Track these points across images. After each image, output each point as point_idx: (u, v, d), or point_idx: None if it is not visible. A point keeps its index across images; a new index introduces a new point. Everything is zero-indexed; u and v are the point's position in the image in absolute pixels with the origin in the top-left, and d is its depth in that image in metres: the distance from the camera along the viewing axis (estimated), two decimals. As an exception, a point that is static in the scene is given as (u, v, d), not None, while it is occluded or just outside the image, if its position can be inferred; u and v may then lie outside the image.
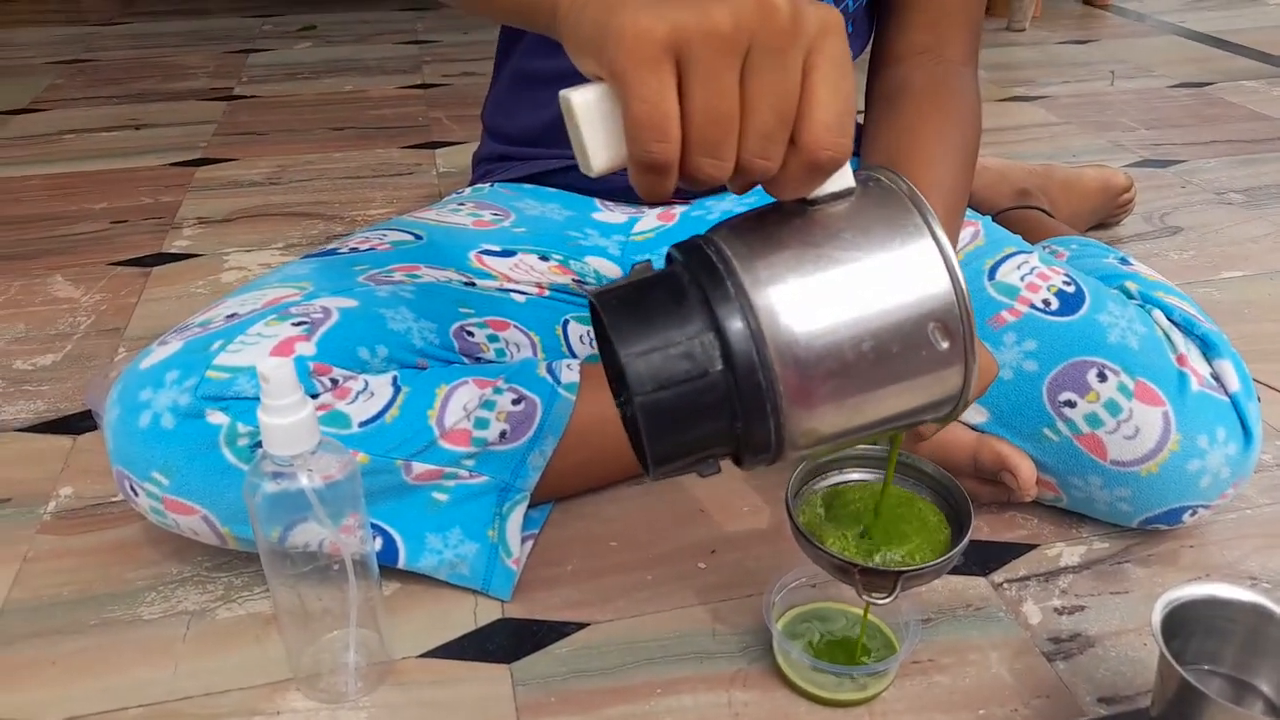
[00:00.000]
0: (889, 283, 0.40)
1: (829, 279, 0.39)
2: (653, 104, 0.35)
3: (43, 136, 1.57)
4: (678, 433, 0.40)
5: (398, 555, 0.67)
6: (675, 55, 0.35)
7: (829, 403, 0.40)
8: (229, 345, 0.64)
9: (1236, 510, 0.77)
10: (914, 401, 0.42)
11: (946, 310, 0.40)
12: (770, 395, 0.39)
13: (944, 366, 0.41)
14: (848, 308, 0.39)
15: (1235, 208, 1.31)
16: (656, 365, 0.39)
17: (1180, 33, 2.22)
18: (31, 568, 0.72)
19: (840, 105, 0.37)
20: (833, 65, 0.36)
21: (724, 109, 0.35)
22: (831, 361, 0.39)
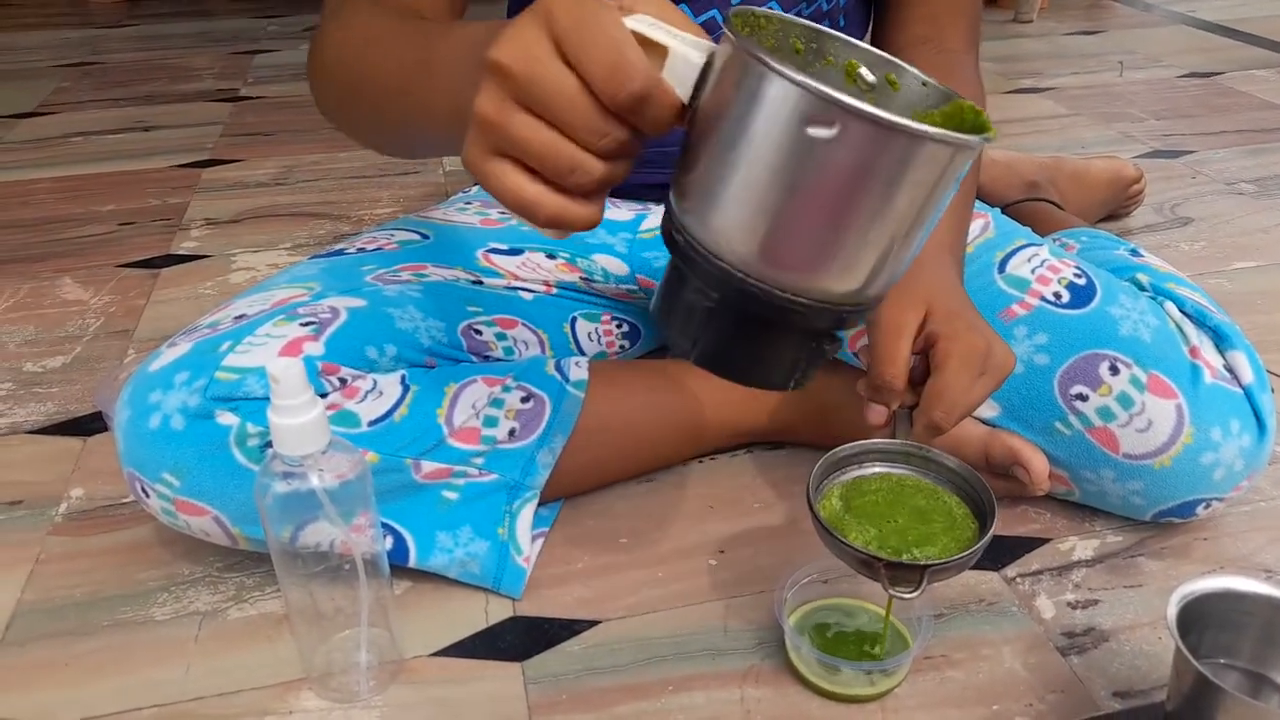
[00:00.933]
0: (748, 136, 0.37)
1: (712, 181, 0.39)
2: (501, 191, 0.41)
3: (50, 139, 1.58)
4: (751, 353, 0.43)
5: (408, 554, 0.67)
6: (491, 134, 0.40)
7: (805, 246, 0.39)
8: (238, 346, 0.64)
9: (1250, 503, 0.77)
10: (895, 194, 0.38)
11: (800, 106, 0.35)
12: (752, 282, 0.40)
13: (863, 148, 0.36)
14: (743, 175, 0.38)
15: (1246, 198, 1.30)
16: (683, 329, 0.44)
17: (1189, 22, 2.21)
18: (43, 569, 0.72)
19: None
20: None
21: (537, 140, 0.39)
22: (767, 222, 0.38)
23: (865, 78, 0.43)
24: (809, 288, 0.40)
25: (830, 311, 0.41)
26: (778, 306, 0.40)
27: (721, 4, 0.76)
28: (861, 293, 0.41)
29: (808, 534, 0.73)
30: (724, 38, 0.38)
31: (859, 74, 0.43)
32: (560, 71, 0.38)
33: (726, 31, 0.38)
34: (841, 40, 0.44)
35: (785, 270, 0.39)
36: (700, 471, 0.80)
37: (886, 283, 0.41)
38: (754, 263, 0.39)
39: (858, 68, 0.44)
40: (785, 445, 0.83)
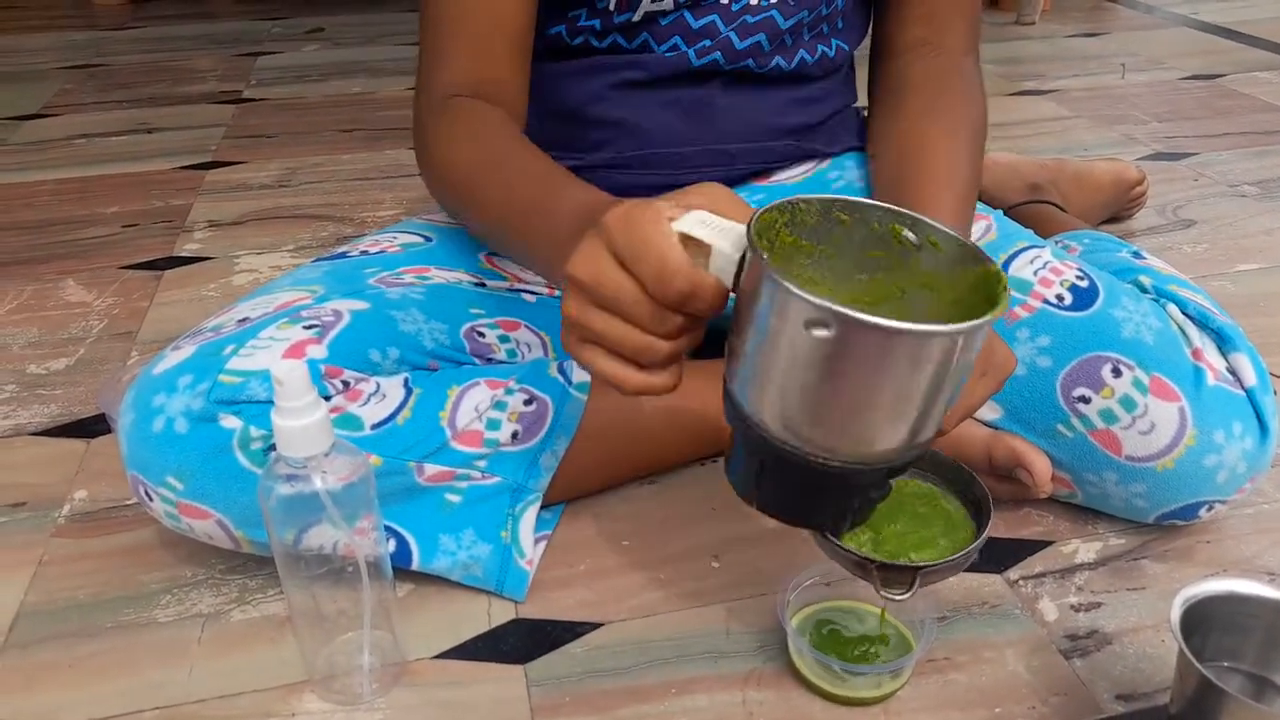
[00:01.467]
0: (767, 329, 0.43)
1: (747, 361, 0.45)
2: (594, 373, 0.50)
3: (54, 141, 1.58)
4: (803, 504, 0.51)
5: (411, 557, 0.67)
6: (576, 329, 0.49)
7: (825, 421, 0.44)
8: (241, 349, 0.64)
9: (1253, 505, 0.77)
10: (888, 390, 0.42)
11: (798, 310, 0.41)
12: (788, 448, 0.46)
13: (857, 349, 0.41)
14: (766, 358, 0.44)
15: (1249, 200, 1.30)
16: (744, 481, 0.52)
17: (1191, 24, 2.21)
18: (47, 571, 0.72)
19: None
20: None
21: (611, 333, 0.48)
22: (791, 400, 0.44)
23: (910, 239, 0.47)
24: (840, 453, 0.45)
25: (867, 470, 0.46)
26: (814, 469, 0.45)
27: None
28: (895, 453, 0.45)
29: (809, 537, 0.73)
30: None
31: (904, 236, 0.48)
32: (620, 278, 0.46)
33: (747, 236, 0.43)
34: (884, 208, 0.48)
35: (814, 440, 0.44)
36: (702, 474, 0.80)
37: (919, 442, 0.46)
38: (785, 432, 0.45)
39: (901, 231, 0.47)
40: (788, 447, 0.83)
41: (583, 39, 0.76)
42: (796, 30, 0.77)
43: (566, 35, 0.76)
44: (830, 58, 0.80)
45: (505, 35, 0.72)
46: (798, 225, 0.47)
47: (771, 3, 0.75)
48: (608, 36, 0.76)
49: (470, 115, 0.70)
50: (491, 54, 0.72)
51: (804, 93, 0.81)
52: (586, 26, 0.76)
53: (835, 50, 0.80)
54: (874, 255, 0.48)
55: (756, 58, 0.76)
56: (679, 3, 0.74)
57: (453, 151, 0.70)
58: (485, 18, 0.71)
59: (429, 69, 0.73)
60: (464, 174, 0.69)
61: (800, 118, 0.82)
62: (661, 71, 0.76)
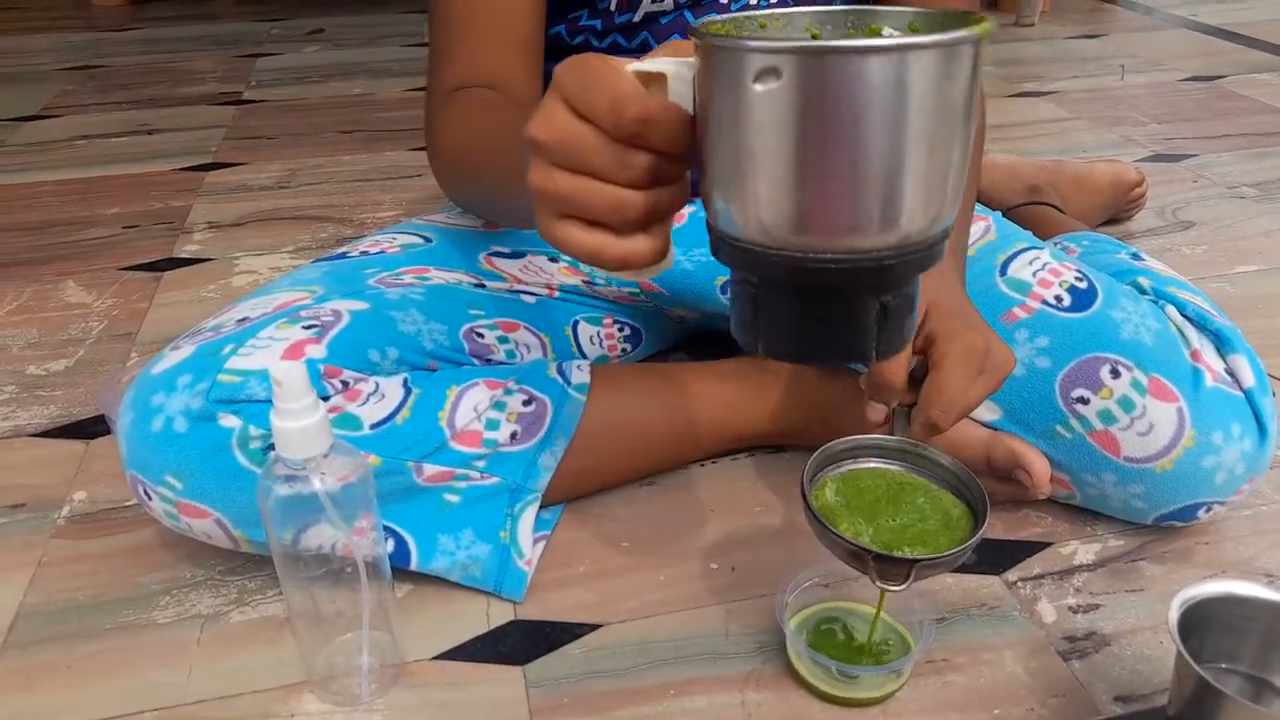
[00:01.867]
0: (725, 115, 0.38)
1: (717, 171, 0.40)
2: (569, 249, 0.45)
3: (54, 142, 1.58)
4: (813, 331, 0.43)
5: (410, 557, 0.67)
6: (545, 201, 0.44)
7: (807, 201, 0.38)
8: (240, 349, 0.64)
9: (1252, 507, 0.77)
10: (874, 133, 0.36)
11: (746, 65, 0.36)
12: (775, 253, 0.39)
13: (816, 92, 0.35)
14: (732, 150, 0.38)
15: (1248, 201, 1.30)
16: (745, 327, 0.44)
17: (1190, 26, 2.21)
18: (46, 572, 0.72)
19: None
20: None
21: (577, 191, 0.43)
22: (767, 188, 0.38)
23: (892, 34, 0.42)
24: (834, 243, 0.38)
25: (871, 265, 0.39)
26: (812, 270, 0.39)
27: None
28: (896, 237, 0.38)
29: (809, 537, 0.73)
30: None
31: (883, 34, 0.43)
32: (575, 125, 0.42)
33: (694, 42, 0.39)
34: (856, 11, 0.43)
35: (802, 231, 0.38)
36: (701, 475, 0.80)
37: (924, 221, 0.39)
38: (772, 231, 0.39)
39: (880, 30, 0.43)
40: (786, 449, 0.83)
41: (583, 38, 0.76)
42: None
43: (566, 35, 0.77)
44: None
45: (514, 36, 0.71)
46: (760, 38, 0.42)
47: (771, 4, 0.75)
48: (607, 36, 0.76)
49: (474, 96, 0.69)
50: (501, 54, 0.71)
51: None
52: (587, 26, 0.76)
53: None
54: None
55: None
56: (679, 3, 0.74)
57: (457, 129, 0.69)
58: (493, 19, 0.70)
59: (438, 69, 0.72)
60: (469, 144, 0.67)
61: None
62: None
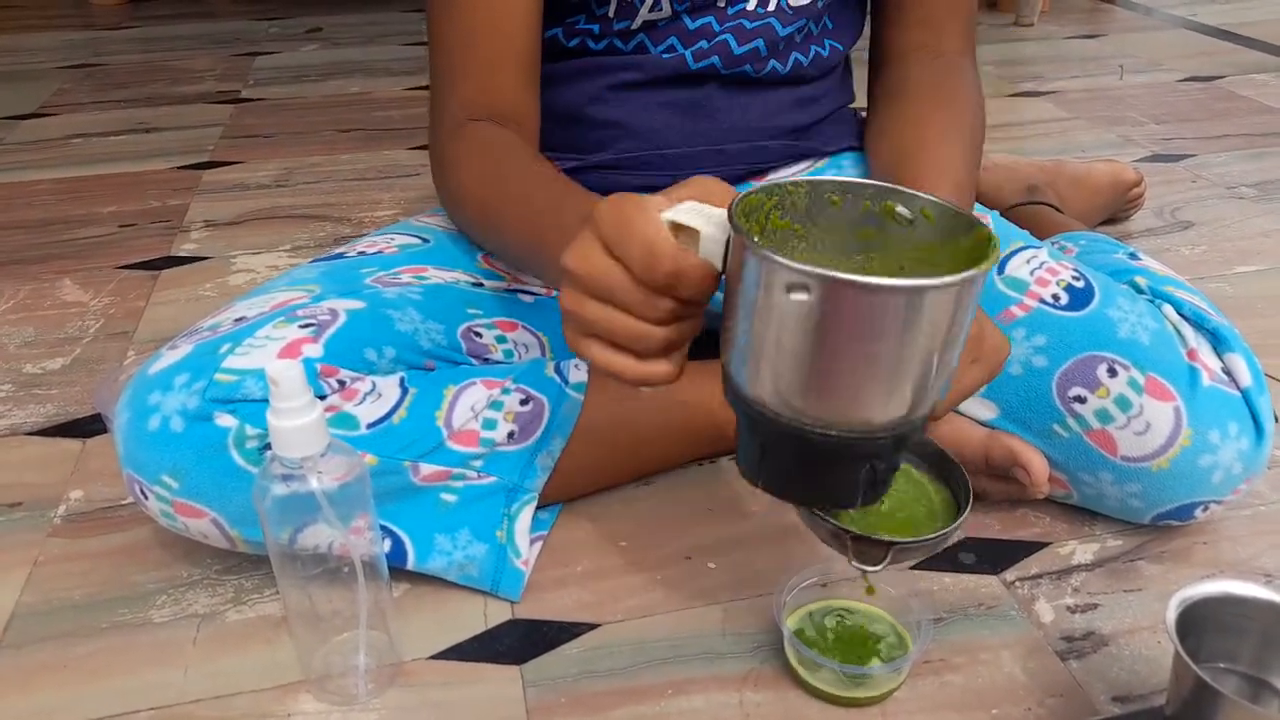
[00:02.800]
0: (753, 302, 0.43)
1: (739, 339, 0.45)
2: (594, 365, 0.50)
3: (51, 141, 1.58)
4: (809, 481, 0.49)
5: (406, 557, 0.67)
6: (574, 321, 0.50)
7: (815, 389, 0.44)
8: (237, 348, 0.64)
9: (1250, 506, 0.77)
10: (884, 345, 0.42)
11: (779, 276, 0.40)
12: (783, 422, 0.45)
13: (839, 311, 0.40)
14: (754, 332, 0.44)
15: (1246, 202, 1.30)
16: (748, 464, 0.51)
17: (1189, 26, 2.21)
18: (42, 571, 0.72)
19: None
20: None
21: (605, 322, 0.48)
22: (781, 372, 0.44)
23: (904, 215, 0.47)
24: (838, 423, 0.44)
25: (868, 441, 0.44)
26: (814, 443, 0.44)
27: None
28: (895, 422, 0.44)
29: (806, 537, 0.73)
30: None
31: (897, 213, 0.47)
32: (610, 266, 0.46)
33: (729, 215, 0.43)
34: (874, 185, 0.48)
35: (810, 411, 0.44)
36: (699, 475, 0.80)
37: (920, 411, 0.44)
38: (782, 406, 0.44)
39: (895, 207, 0.47)
40: (784, 448, 0.83)
41: (579, 41, 0.76)
42: (792, 37, 0.77)
43: (563, 37, 0.77)
44: (824, 57, 0.80)
45: (513, 55, 0.72)
46: (788, 208, 0.47)
47: (769, 10, 0.75)
48: (604, 40, 0.76)
49: (483, 137, 0.71)
50: (501, 75, 0.72)
51: (800, 93, 0.82)
52: (584, 30, 0.76)
53: (829, 50, 0.81)
54: (868, 234, 0.48)
55: (753, 63, 0.77)
56: (677, 9, 0.74)
57: (468, 173, 0.71)
58: (492, 39, 0.71)
59: (441, 94, 0.74)
60: (478, 194, 0.70)
61: (797, 118, 0.82)
62: (659, 73, 0.76)
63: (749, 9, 0.75)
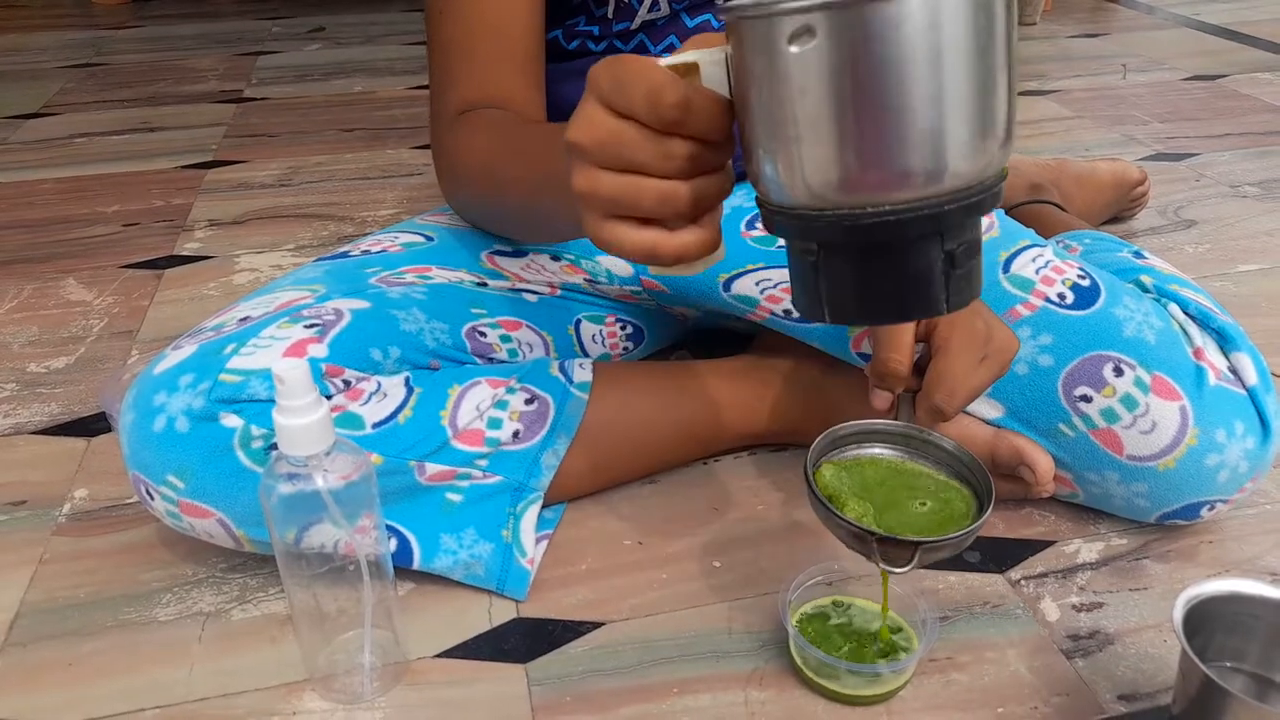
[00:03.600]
0: (764, 80, 0.39)
1: (762, 142, 0.41)
2: (623, 249, 0.45)
3: (55, 140, 1.58)
4: (877, 290, 0.43)
5: (412, 556, 0.66)
6: (592, 203, 0.45)
7: (851, 156, 0.39)
8: (242, 348, 0.64)
9: (1255, 505, 0.76)
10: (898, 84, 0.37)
11: (771, 29, 0.37)
12: (830, 214, 0.40)
13: (850, 43, 0.36)
14: (776, 118, 0.39)
15: (1250, 200, 1.30)
16: (809, 299, 0.44)
17: (1192, 25, 2.21)
18: (47, 570, 0.72)
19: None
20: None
21: (623, 189, 0.44)
22: (813, 150, 0.39)
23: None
24: (887, 196, 0.39)
25: (929, 211, 0.39)
26: (869, 227, 0.39)
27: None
28: (950, 181, 0.39)
29: (812, 535, 0.73)
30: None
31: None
32: (614, 123, 0.43)
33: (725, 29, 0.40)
34: None
35: (854, 189, 0.39)
36: (704, 473, 0.80)
37: (976, 162, 0.39)
38: (824, 193, 0.39)
39: None
40: (789, 447, 0.83)
41: (579, 42, 0.76)
42: None
43: (563, 39, 0.77)
44: None
45: (514, 54, 0.72)
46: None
47: None
48: (604, 41, 0.76)
49: (484, 116, 0.71)
50: (502, 73, 0.72)
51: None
52: (584, 31, 0.76)
53: None
54: None
55: None
56: (675, 8, 0.74)
57: (469, 150, 0.70)
58: (493, 41, 0.71)
59: (440, 94, 0.73)
60: (483, 161, 0.68)
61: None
62: None
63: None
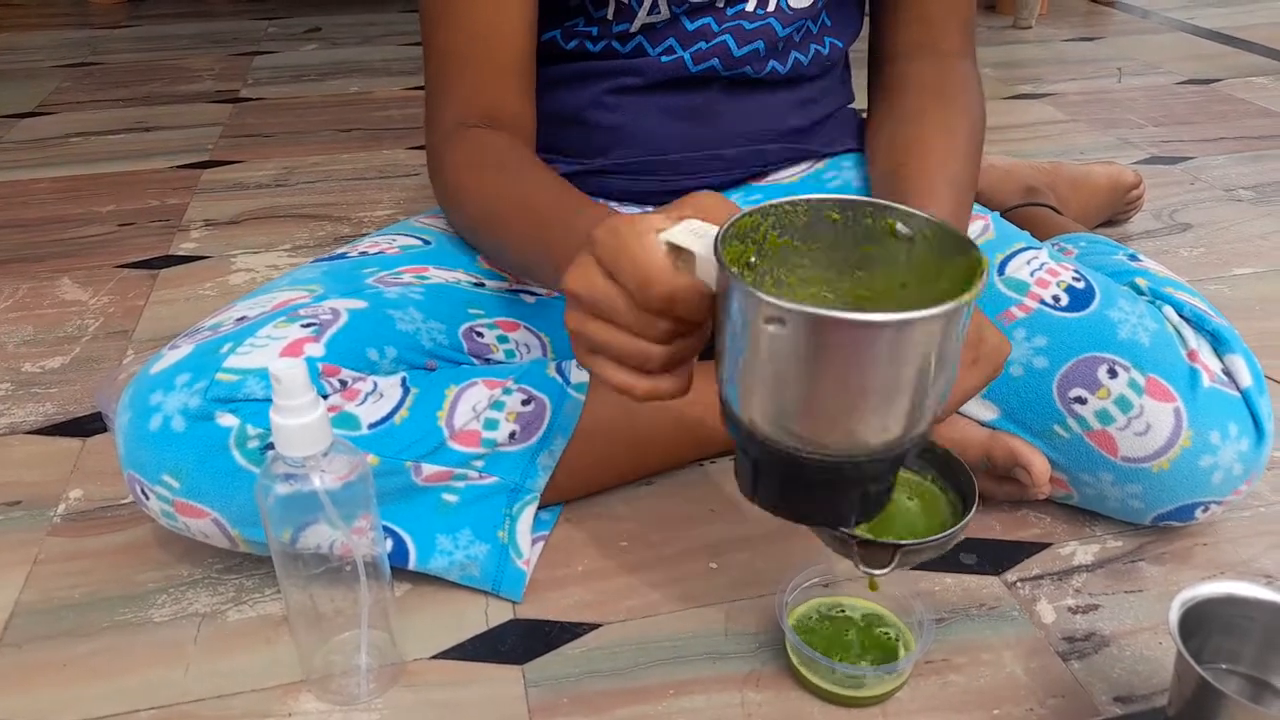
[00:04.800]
0: (739, 329, 0.43)
1: (730, 363, 0.45)
2: (605, 382, 0.51)
3: (50, 139, 1.58)
4: (803, 500, 0.49)
5: (408, 557, 0.66)
6: (580, 340, 0.51)
7: (801, 415, 0.44)
8: (239, 348, 0.64)
9: (1250, 508, 0.77)
10: (857, 379, 0.42)
11: (758, 309, 0.41)
12: (772, 444, 0.45)
13: (819, 345, 0.40)
14: (740, 355, 0.44)
15: (1244, 204, 1.30)
16: (746, 482, 0.51)
17: (1187, 29, 2.21)
18: (42, 570, 0.72)
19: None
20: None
21: (608, 341, 0.49)
22: (767, 395, 0.44)
23: (903, 232, 0.47)
24: (830, 448, 0.44)
25: (862, 463, 0.44)
26: (807, 465, 0.44)
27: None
28: (886, 446, 0.44)
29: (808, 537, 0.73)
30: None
31: (897, 230, 0.47)
32: (608, 289, 0.48)
33: (714, 242, 0.44)
34: (873, 203, 0.48)
35: (802, 435, 0.44)
36: (701, 475, 0.80)
37: (913, 434, 0.44)
38: (773, 429, 0.44)
39: (895, 225, 0.47)
40: (785, 449, 0.83)
41: (577, 43, 0.76)
42: (791, 36, 0.77)
43: (561, 40, 0.77)
44: (824, 55, 0.80)
45: (507, 62, 0.72)
46: (786, 226, 0.47)
47: (769, 11, 0.75)
48: (602, 42, 0.76)
49: (481, 143, 0.71)
50: (495, 83, 0.72)
51: (801, 94, 0.82)
52: (583, 32, 0.76)
53: (829, 47, 0.81)
54: (868, 250, 0.48)
55: (753, 64, 0.77)
56: (675, 12, 0.74)
57: (467, 180, 0.71)
58: (486, 49, 0.71)
59: (435, 102, 0.74)
60: (479, 201, 0.70)
61: (797, 120, 0.82)
62: (659, 77, 0.76)
63: (748, 10, 0.75)
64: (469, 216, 0.73)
